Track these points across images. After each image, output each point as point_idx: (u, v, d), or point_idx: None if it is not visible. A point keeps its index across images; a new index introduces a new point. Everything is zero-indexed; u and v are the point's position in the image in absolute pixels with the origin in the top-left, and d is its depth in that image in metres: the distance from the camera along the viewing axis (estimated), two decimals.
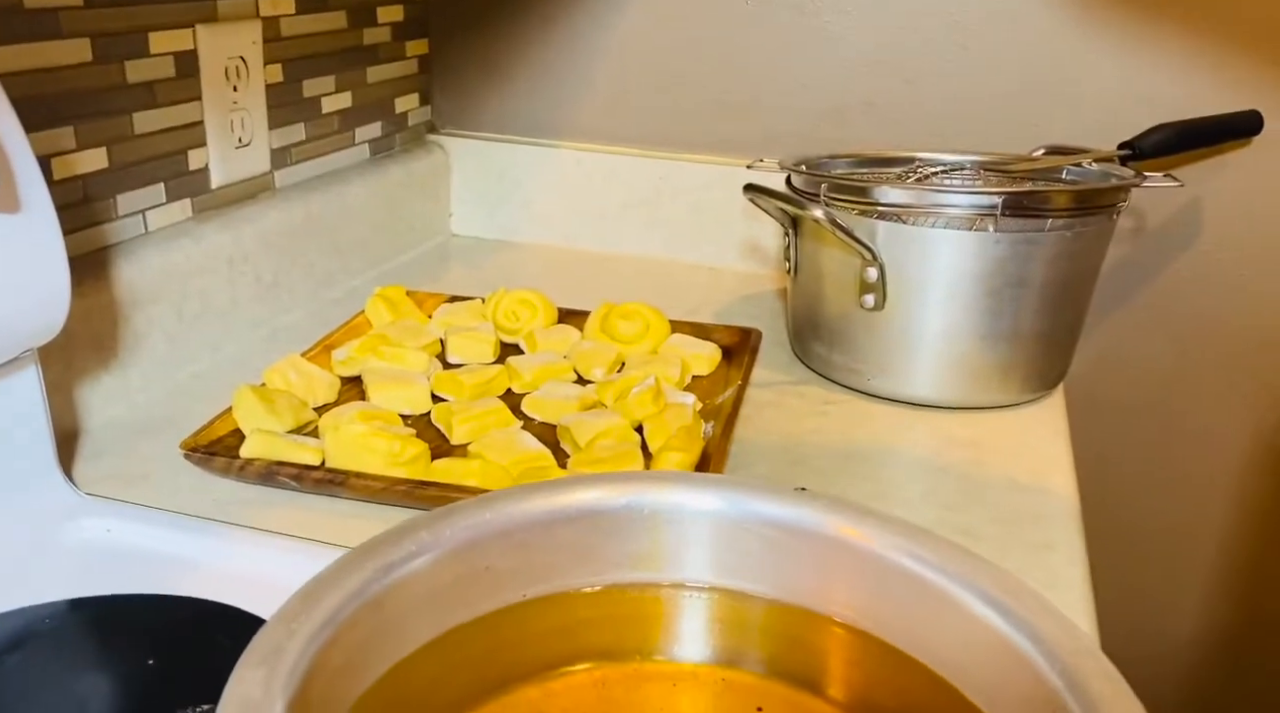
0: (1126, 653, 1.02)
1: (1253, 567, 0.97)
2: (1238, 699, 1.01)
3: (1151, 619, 1.01)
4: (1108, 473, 0.97)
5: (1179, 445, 0.95)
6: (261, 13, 0.77)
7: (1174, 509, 0.97)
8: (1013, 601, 0.30)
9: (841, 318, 0.71)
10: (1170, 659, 1.02)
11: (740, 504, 0.36)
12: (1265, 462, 0.94)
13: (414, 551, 0.34)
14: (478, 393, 0.66)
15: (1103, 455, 0.96)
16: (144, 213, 0.69)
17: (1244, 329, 0.90)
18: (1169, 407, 0.94)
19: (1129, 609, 1.01)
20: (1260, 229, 0.87)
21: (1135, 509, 0.98)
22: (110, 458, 0.60)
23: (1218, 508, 0.96)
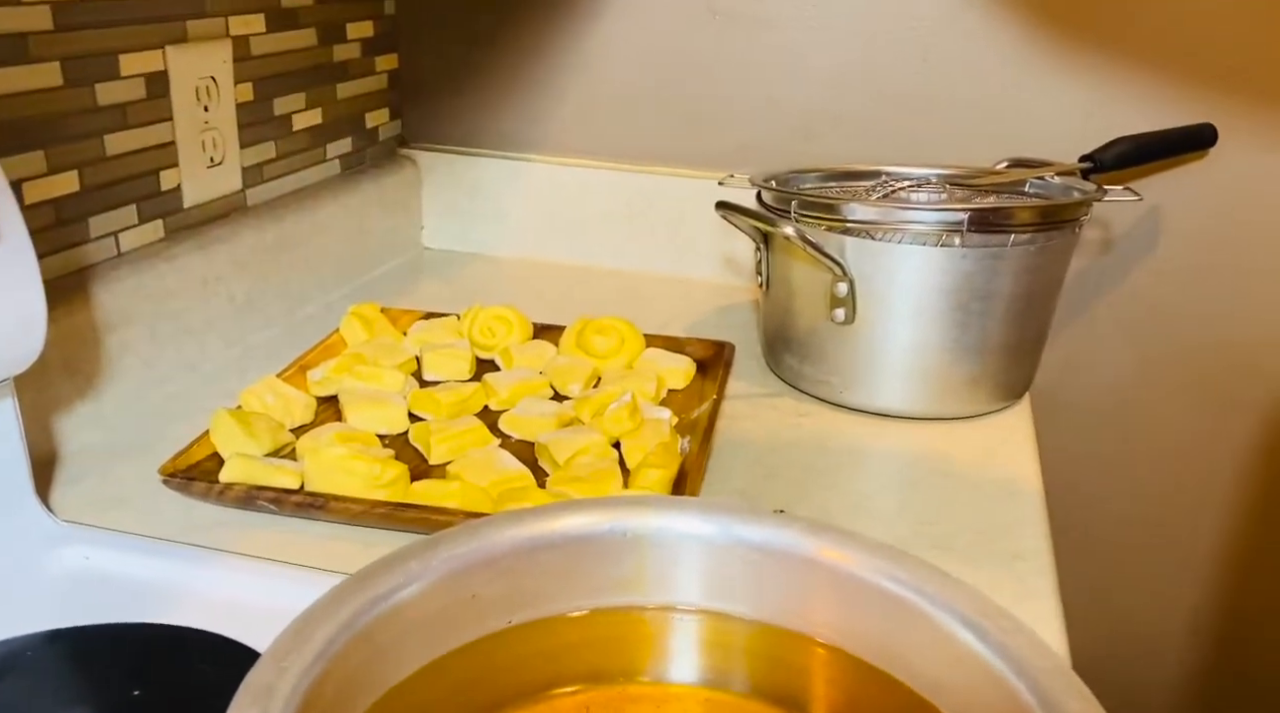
0: (1097, 654, 1.04)
1: (1216, 565, 0.99)
2: (1208, 696, 1.04)
3: (1120, 620, 1.04)
4: (1074, 476, 0.99)
5: (1141, 448, 0.97)
6: (232, 32, 0.77)
7: (1138, 511, 0.99)
8: (988, 621, 0.31)
9: (813, 331, 0.72)
10: (1141, 660, 1.04)
11: (722, 528, 0.37)
12: (1226, 464, 0.96)
13: (402, 581, 0.34)
14: (455, 411, 0.67)
15: (1068, 460, 0.98)
16: (116, 235, 0.69)
17: (1202, 335, 0.92)
18: (1131, 411, 0.96)
19: (1098, 610, 1.04)
20: (1215, 238, 0.89)
21: (1100, 511, 1.00)
22: (87, 484, 0.60)
23: (1181, 509, 0.99)
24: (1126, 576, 1.02)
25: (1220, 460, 0.96)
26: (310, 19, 0.87)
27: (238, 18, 0.78)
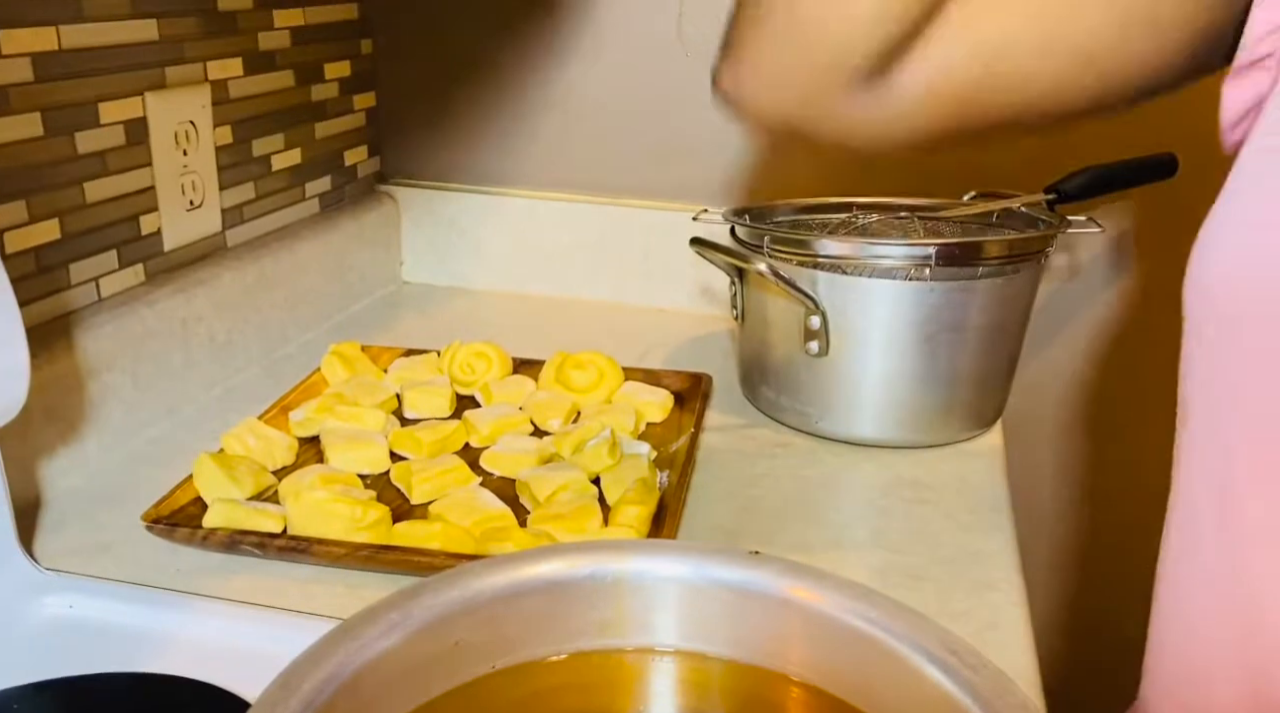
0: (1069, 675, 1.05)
1: None
2: None
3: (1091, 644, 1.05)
4: (1045, 499, 1.01)
5: (1112, 470, 0.99)
6: (210, 76, 0.78)
7: (1109, 533, 1.01)
8: (954, 658, 0.33)
9: (788, 363, 0.74)
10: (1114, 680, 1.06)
11: (698, 569, 0.38)
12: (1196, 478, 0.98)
13: (386, 630, 0.35)
14: (436, 450, 0.68)
15: (1040, 483, 1.00)
16: (97, 280, 0.70)
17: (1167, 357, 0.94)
18: (1102, 433, 0.98)
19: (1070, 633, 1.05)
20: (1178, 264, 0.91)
21: (1072, 532, 1.02)
22: (70, 530, 0.60)
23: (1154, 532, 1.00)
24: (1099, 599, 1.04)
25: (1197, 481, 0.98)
26: (288, 61, 0.88)
27: (216, 62, 0.79)
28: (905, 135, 0.50)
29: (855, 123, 0.49)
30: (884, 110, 0.48)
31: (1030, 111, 0.49)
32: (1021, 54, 0.46)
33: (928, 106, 0.48)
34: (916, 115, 0.49)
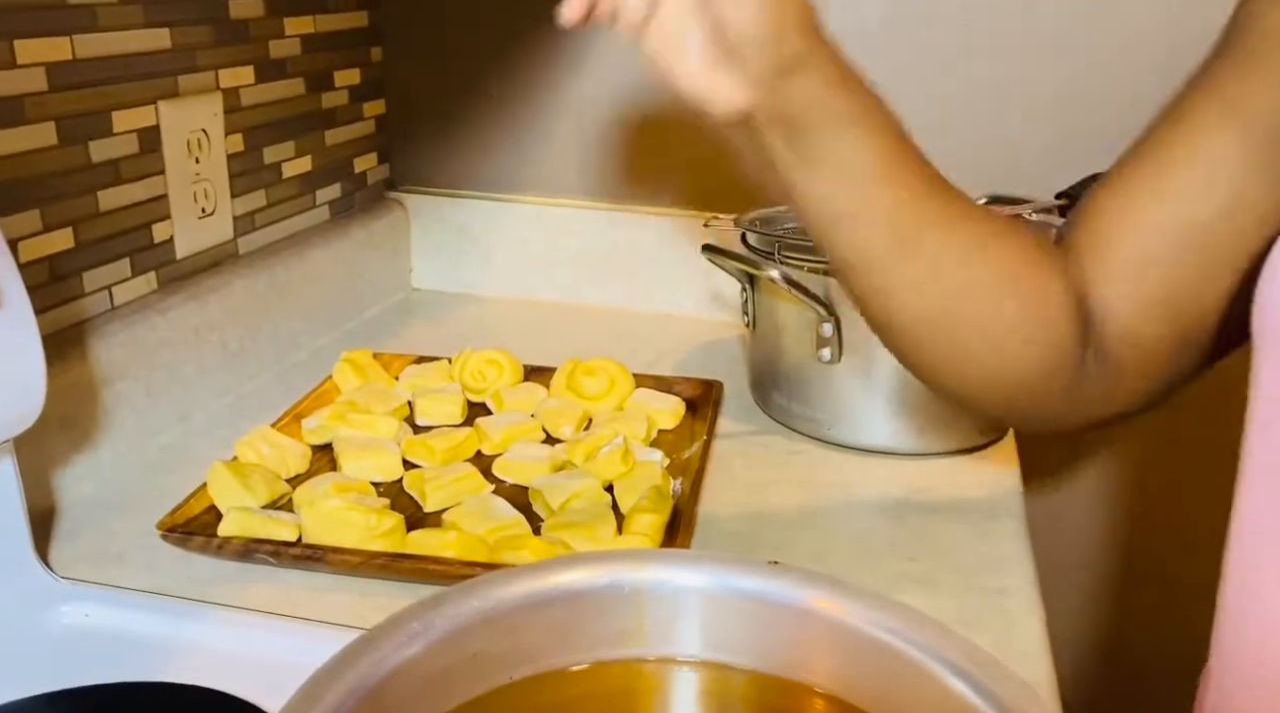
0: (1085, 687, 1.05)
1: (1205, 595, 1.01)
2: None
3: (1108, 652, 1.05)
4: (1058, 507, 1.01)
5: (1124, 477, 0.99)
6: (222, 85, 0.78)
7: (1122, 540, 1.01)
8: (978, 670, 0.32)
9: (799, 370, 0.73)
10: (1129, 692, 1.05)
11: (718, 579, 0.38)
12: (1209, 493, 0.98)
13: (406, 641, 0.35)
14: (448, 458, 0.68)
15: (1053, 491, 1.00)
16: (110, 289, 0.70)
17: None
18: (1113, 440, 0.98)
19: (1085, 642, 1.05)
20: None
21: (1085, 541, 1.02)
22: (84, 539, 0.60)
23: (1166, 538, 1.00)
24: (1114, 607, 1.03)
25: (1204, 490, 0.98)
26: (298, 69, 0.88)
27: (227, 70, 0.79)
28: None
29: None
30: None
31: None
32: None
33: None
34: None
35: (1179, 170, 0.44)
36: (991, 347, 0.47)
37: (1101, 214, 0.47)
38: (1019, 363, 0.47)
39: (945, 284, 0.46)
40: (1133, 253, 0.45)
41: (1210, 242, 0.44)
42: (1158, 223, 0.45)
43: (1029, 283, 0.46)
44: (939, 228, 0.46)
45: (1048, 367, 0.47)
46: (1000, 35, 0.90)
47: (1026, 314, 0.46)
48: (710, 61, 0.42)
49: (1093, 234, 0.47)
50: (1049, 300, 0.46)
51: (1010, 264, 0.46)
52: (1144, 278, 0.45)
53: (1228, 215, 0.43)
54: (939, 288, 0.46)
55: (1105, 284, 0.46)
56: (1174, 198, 0.44)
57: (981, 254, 0.46)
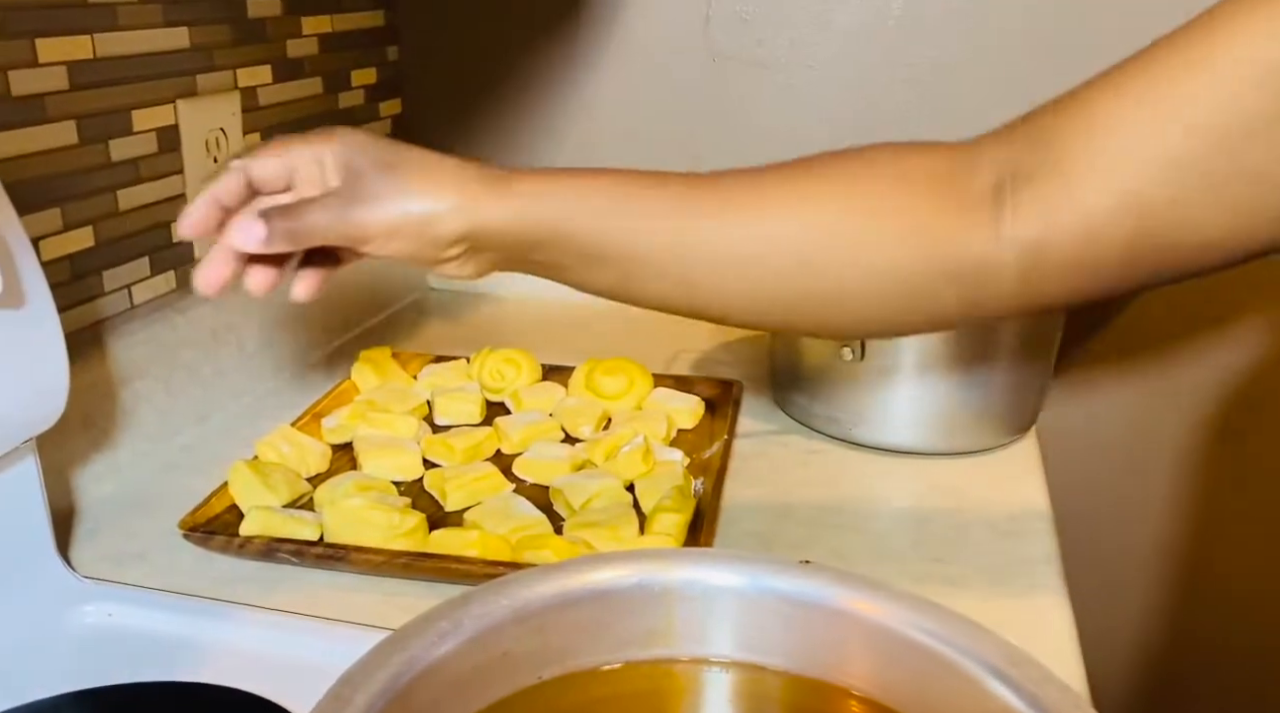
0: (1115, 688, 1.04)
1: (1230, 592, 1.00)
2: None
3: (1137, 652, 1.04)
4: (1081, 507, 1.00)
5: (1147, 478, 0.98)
6: (240, 84, 0.78)
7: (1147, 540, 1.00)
8: (1018, 671, 0.32)
9: (821, 369, 0.73)
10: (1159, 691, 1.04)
11: (750, 579, 0.37)
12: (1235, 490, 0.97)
13: (436, 641, 0.35)
14: (468, 457, 0.67)
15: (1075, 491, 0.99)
16: (129, 288, 0.70)
17: (1201, 363, 0.93)
18: (1136, 440, 0.97)
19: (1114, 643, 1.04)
20: None
21: (1110, 541, 1.01)
22: (105, 538, 0.60)
23: (1191, 537, 0.99)
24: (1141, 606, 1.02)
25: (1229, 487, 0.97)
26: (316, 68, 0.88)
27: (246, 69, 0.79)
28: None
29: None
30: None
31: (1203, 262, 0.42)
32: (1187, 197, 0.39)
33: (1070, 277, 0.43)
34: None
35: (1204, 74, 0.38)
36: (871, 286, 0.45)
37: (1096, 105, 0.41)
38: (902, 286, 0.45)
39: (788, 259, 0.45)
40: (1134, 147, 0.39)
41: (1226, 152, 0.38)
42: (1180, 122, 0.39)
43: (903, 217, 0.44)
44: (746, 219, 0.45)
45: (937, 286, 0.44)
46: (1026, 35, 0.89)
47: (903, 245, 0.44)
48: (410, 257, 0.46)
49: (1081, 122, 0.41)
50: (933, 219, 0.43)
51: (870, 203, 0.44)
52: (1136, 175, 0.39)
53: (1250, 132, 0.37)
54: (785, 264, 0.45)
55: (1081, 175, 0.40)
56: (1191, 101, 0.38)
57: (817, 210, 0.45)
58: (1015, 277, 0.43)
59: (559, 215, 0.45)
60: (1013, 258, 0.42)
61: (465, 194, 0.44)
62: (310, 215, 0.43)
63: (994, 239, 0.42)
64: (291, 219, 0.43)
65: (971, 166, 0.44)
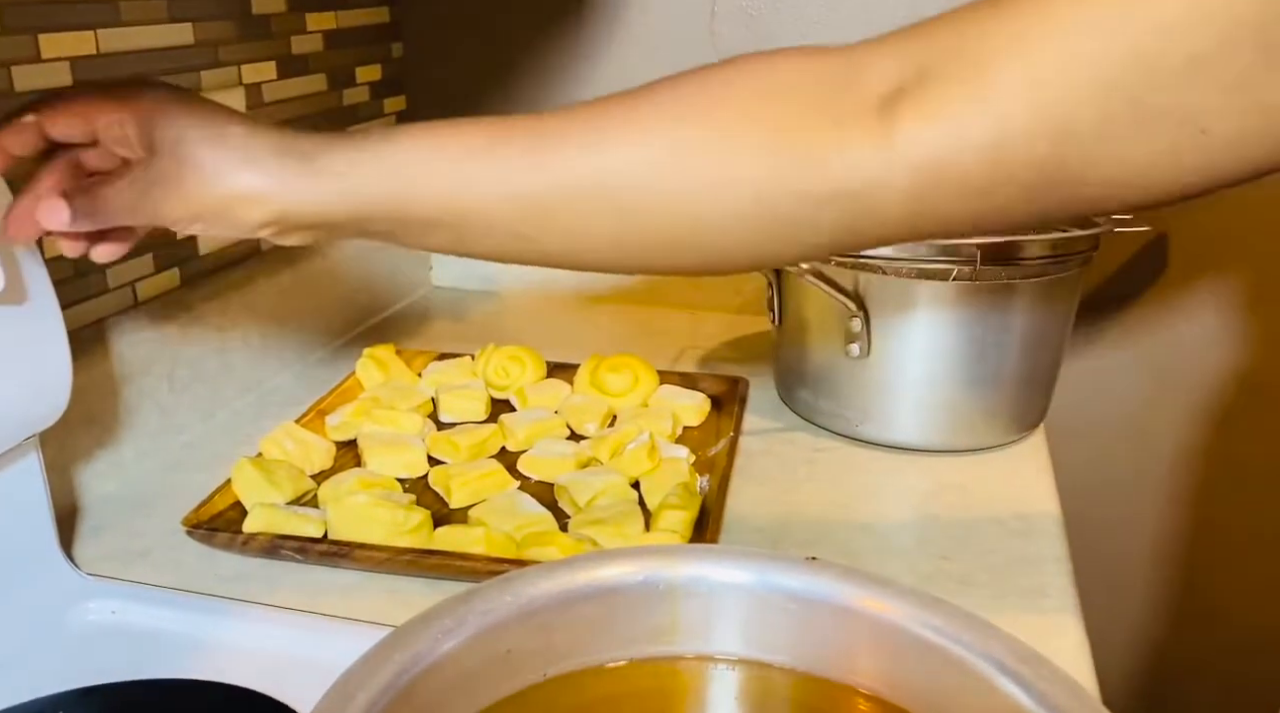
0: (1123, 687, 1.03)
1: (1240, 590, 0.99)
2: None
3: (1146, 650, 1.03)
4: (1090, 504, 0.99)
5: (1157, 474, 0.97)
6: (244, 80, 0.78)
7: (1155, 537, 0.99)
8: (1027, 669, 0.32)
9: (827, 366, 0.73)
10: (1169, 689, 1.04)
11: (756, 576, 0.37)
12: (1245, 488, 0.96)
13: (439, 638, 0.34)
14: (473, 454, 0.67)
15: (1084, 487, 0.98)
16: (133, 284, 0.69)
17: (1212, 359, 0.93)
18: (1145, 437, 0.96)
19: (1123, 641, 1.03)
20: (1223, 263, 0.90)
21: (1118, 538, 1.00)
22: (109, 536, 0.60)
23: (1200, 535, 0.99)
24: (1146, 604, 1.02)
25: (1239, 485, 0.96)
26: (320, 65, 0.88)
27: (250, 66, 0.79)
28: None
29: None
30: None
31: (1109, 201, 0.39)
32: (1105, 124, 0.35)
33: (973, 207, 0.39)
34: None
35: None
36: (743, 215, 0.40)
37: (1028, 11, 0.36)
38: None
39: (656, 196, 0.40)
40: (1067, 62, 0.35)
41: (1162, 87, 0.34)
42: (1120, 45, 0.34)
43: (764, 133, 0.39)
44: (583, 154, 0.41)
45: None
46: None
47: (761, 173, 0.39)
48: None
49: (1010, 25, 0.36)
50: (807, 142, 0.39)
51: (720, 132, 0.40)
52: (1065, 94, 0.35)
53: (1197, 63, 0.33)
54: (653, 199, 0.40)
55: (1001, 83, 0.36)
56: (1134, 24, 0.34)
57: (665, 134, 0.40)
58: (904, 199, 0.38)
59: (372, 192, 0.41)
60: (903, 178, 0.37)
61: (269, 176, 0.41)
62: (111, 199, 0.41)
63: (880, 156, 0.37)
64: (92, 201, 0.41)
65: (855, 74, 0.39)
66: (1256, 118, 0.33)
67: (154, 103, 0.41)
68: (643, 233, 0.41)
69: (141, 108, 0.41)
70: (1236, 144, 0.34)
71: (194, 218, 0.41)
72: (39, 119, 0.43)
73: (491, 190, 0.41)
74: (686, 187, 0.40)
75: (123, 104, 0.42)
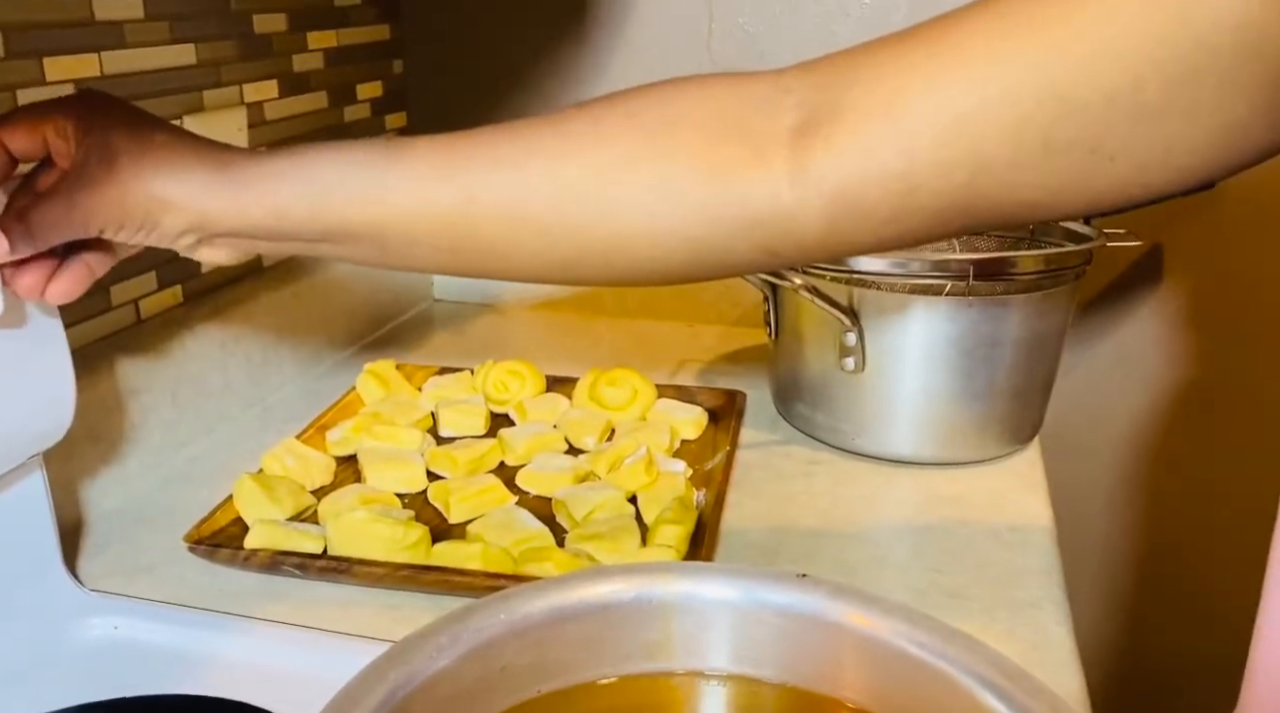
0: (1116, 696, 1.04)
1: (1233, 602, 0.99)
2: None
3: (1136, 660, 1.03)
4: (1084, 515, 1.00)
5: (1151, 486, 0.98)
6: (246, 99, 0.79)
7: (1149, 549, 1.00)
8: (1011, 684, 0.32)
9: (823, 380, 0.73)
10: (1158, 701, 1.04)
11: (746, 593, 0.38)
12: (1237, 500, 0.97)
13: (435, 655, 0.35)
14: (472, 469, 0.68)
15: (1078, 499, 0.99)
16: (136, 302, 0.70)
17: (1205, 371, 0.93)
18: (1139, 449, 0.97)
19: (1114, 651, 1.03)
20: (1216, 275, 0.91)
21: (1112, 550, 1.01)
22: (112, 551, 0.60)
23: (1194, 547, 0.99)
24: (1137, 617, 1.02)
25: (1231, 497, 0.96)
26: (321, 82, 0.89)
27: (251, 85, 0.80)
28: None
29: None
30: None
31: (1018, 220, 0.40)
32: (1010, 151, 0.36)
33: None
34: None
35: (1064, 36, 0.34)
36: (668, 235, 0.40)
37: (941, 48, 0.37)
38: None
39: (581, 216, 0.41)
40: (979, 102, 0.35)
41: (1074, 122, 0.35)
42: (1034, 83, 0.35)
43: (680, 159, 0.40)
44: (505, 177, 0.41)
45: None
46: None
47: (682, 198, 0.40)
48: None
49: (923, 60, 0.37)
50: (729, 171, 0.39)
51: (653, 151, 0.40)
52: (980, 130, 0.36)
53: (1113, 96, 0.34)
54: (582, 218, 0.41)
55: (916, 117, 0.36)
56: (1045, 62, 0.35)
57: (587, 156, 0.41)
58: (819, 226, 0.39)
59: (287, 198, 0.41)
60: (817, 206, 0.38)
61: (188, 183, 0.41)
62: (43, 214, 0.41)
63: (794, 184, 0.38)
64: (25, 223, 0.41)
65: (773, 102, 0.40)
66: (1159, 147, 0.35)
67: (90, 110, 0.43)
68: (563, 250, 0.42)
69: (80, 114, 0.42)
70: (1140, 171, 0.35)
71: (117, 224, 0.42)
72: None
73: (408, 202, 0.42)
74: (603, 209, 0.40)
75: (66, 112, 0.43)
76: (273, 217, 0.42)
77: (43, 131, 0.43)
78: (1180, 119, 0.34)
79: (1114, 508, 0.99)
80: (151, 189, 0.41)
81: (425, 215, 0.42)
